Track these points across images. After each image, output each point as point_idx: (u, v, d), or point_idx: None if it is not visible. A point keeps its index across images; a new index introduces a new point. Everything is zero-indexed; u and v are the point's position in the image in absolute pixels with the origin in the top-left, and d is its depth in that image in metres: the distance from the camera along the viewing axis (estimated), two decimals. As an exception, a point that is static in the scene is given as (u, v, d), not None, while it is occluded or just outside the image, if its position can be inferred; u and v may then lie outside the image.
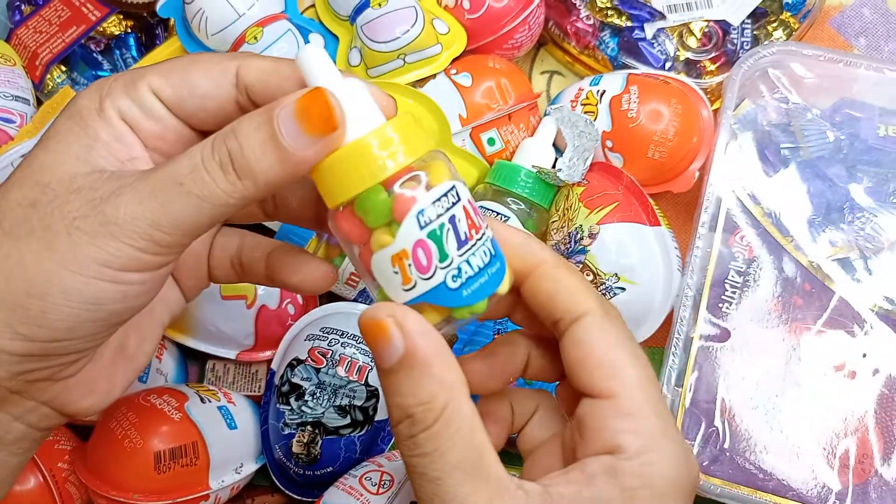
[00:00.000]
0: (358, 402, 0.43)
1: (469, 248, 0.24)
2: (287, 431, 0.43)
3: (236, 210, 0.24)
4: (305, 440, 0.42)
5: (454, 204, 0.24)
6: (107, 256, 0.23)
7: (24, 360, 0.24)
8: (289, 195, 0.30)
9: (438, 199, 0.24)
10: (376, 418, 0.43)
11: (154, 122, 0.26)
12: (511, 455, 0.32)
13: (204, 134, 0.26)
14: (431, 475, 0.23)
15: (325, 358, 0.43)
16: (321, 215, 0.29)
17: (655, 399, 0.26)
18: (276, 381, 0.44)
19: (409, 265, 0.24)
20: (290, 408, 0.43)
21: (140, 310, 0.26)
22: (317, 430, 0.42)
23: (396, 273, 0.24)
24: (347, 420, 0.42)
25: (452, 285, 0.24)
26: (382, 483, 0.37)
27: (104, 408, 0.29)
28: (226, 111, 0.26)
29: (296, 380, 0.43)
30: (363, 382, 0.43)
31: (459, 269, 0.24)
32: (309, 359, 0.43)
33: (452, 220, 0.24)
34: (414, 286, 0.24)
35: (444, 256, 0.24)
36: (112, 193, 0.24)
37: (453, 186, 0.24)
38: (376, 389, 0.43)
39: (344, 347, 0.43)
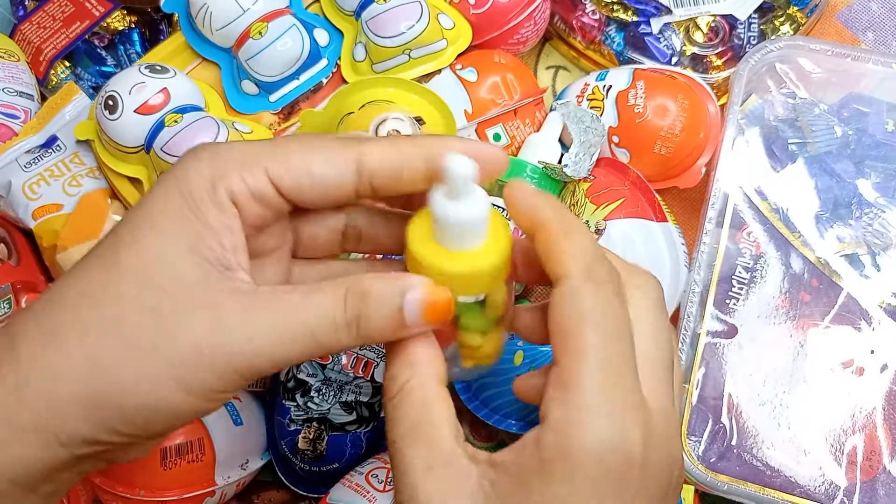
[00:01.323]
0: (364, 399, 0.42)
1: None
2: (293, 428, 0.43)
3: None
4: (311, 436, 0.42)
5: None
6: (218, 383, 0.24)
7: (74, 448, 0.24)
8: (377, 231, 0.30)
9: None
10: (382, 414, 0.43)
11: (263, 207, 0.26)
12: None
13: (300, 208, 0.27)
14: (390, 438, 0.25)
15: (330, 354, 0.43)
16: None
17: (611, 374, 0.24)
18: (282, 377, 0.44)
19: None
20: (295, 404, 0.43)
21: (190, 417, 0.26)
22: (322, 427, 0.42)
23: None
24: (353, 416, 0.42)
25: None
26: (389, 480, 0.37)
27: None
28: (342, 196, 0.26)
29: (301, 376, 0.43)
30: (369, 379, 0.43)
31: None
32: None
33: None
34: None
35: None
36: (225, 322, 0.24)
37: None
38: (382, 386, 0.43)
39: (349, 344, 0.43)
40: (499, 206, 0.45)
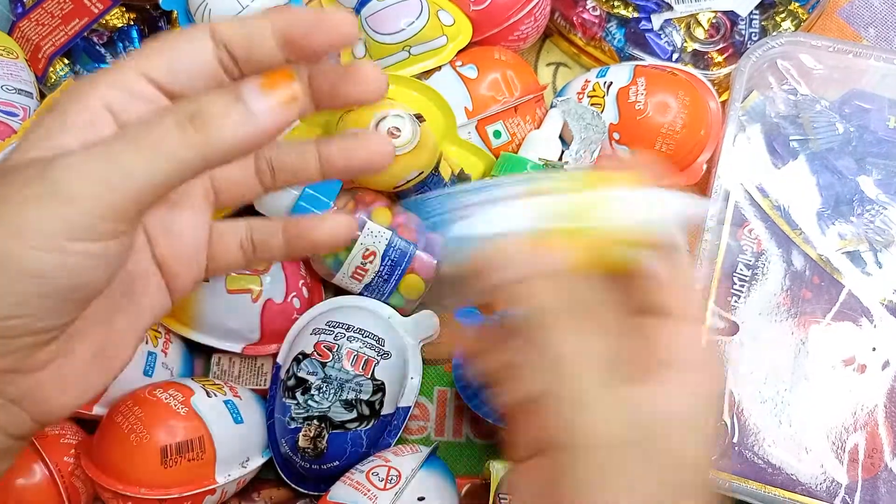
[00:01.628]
0: (364, 397, 0.42)
1: None
2: (293, 426, 0.43)
3: (195, 172, 0.23)
4: (312, 434, 0.42)
5: None
6: (50, 224, 0.22)
7: None
8: (291, 156, 0.29)
9: None
10: (382, 412, 0.43)
11: (143, 103, 0.25)
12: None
13: None
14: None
15: (330, 352, 0.43)
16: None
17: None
18: (282, 375, 0.44)
19: None
20: (296, 402, 0.43)
21: (99, 289, 0.24)
22: (323, 425, 0.42)
23: None
24: (354, 414, 0.42)
25: None
26: (389, 478, 0.37)
27: (76, 409, 0.27)
28: (212, 72, 0.25)
29: (302, 374, 0.43)
30: (369, 376, 0.43)
31: None
32: (315, 353, 0.43)
33: None
34: None
35: None
36: (60, 156, 0.23)
37: None
38: (382, 383, 0.43)
39: (350, 342, 0.43)
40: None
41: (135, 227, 0.24)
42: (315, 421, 0.42)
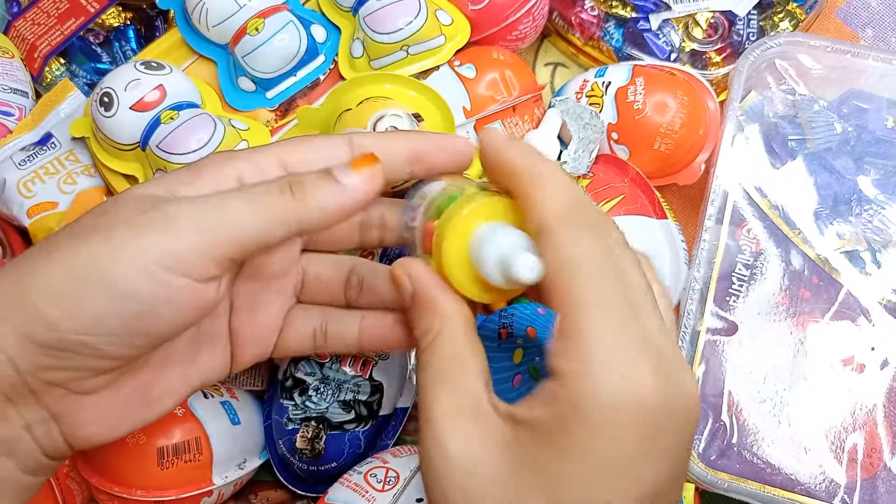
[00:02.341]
0: (362, 397, 0.42)
1: None
2: (291, 427, 0.42)
3: (291, 232, 0.26)
4: (309, 435, 0.42)
5: None
6: (153, 252, 0.24)
7: (48, 353, 0.24)
8: (377, 283, 0.33)
9: None
10: (381, 413, 0.43)
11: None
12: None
13: None
14: (421, 385, 0.26)
15: (331, 354, 0.43)
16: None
17: (612, 319, 0.23)
18: (280, 375, 0.44)
19: None
20: (293, 403, 0.42)
21: (174, 332, 0.26)
22: (321, 426, 0.42)
23: None
24: (352, 415, 0.42)
25: None
26: (388, 480, 0.37)
27: (104, 443, 0.28)
28: None
29: (299, 374, 0.43)
30: (367, 377, 0.42)
31: None
32: (314, 353, 0.43)
33: None
34: None
35: None
36: (177, 200, 0.25)
37: None
38: (380, 384, 0.42)
39: (348, 342, 0.43)
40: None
41: (226, 276, 0.26)
42: (313, 422, 0.42)
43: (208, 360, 0.31)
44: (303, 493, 0.44)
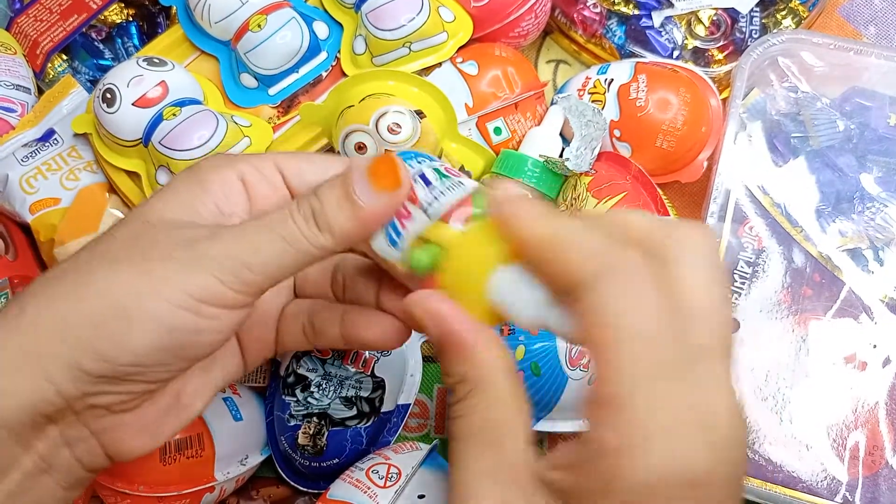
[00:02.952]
0: (364, 394, 0.42)
1: None
2: (293, 423, 0.42)
3: (317, 260, 0.27)
4: (311, 431, 0.42)
5: None
6: (194, 287, 0.25)
7: (97, 381, 0.25)
8: (357, 282, 0.32)
9: None
10: (382, 409, 0.43)
11: (268, 186, 0.29)
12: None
13: None
14: (455, 436, 0.25)
15: (330, 349, 0.43)
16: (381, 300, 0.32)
17: (658, 384, 0.21)
18: (282, 372, 0.44)
19: None
20: (295, 399, 0.43)
21: (209, 353, 0.27)
22: (323, 422, 0.42)
23: None
24: (353, 411, 0.42)
25: None
26: (390, 476, 0.37)
27: (146, 453, 0.29)
28: None
29: (302, 371, 0.43)
30: (369, 373, 0.42)
31: None
32: (315, 349, 0.43)
33: None
34: None
35: None
36: (208, 235, 0.26)
37: None
38: (382, 380, 0.43)
39: (349, 338, 0.43)
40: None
41: (255, 300, 0.27)
42: (314, 418, 0.42)
43: (222, 363, 0.32)
44: (305, 490, 0.44)
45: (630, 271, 0.22)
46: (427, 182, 0.28)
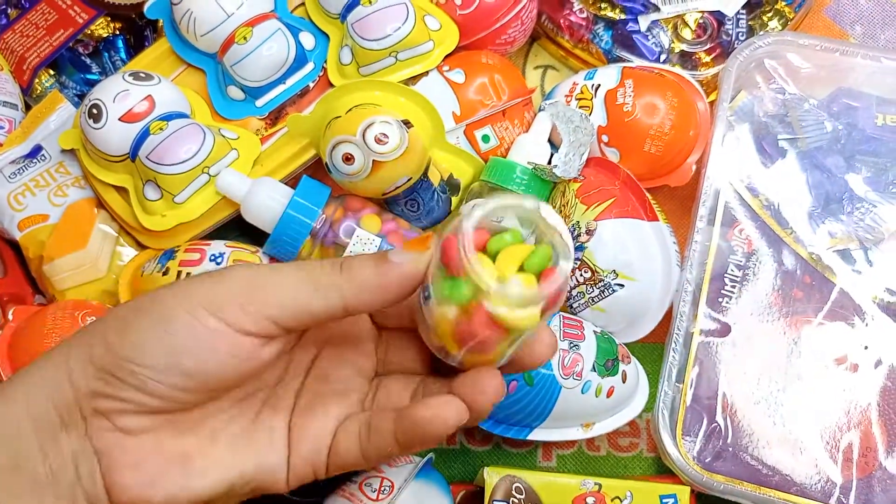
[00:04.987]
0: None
1: None
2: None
3: (338, 306, 0.28)
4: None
5: None
6: (199, 295, 0.27)
7: (100, 375, 0.27)
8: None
9: None
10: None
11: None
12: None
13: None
14: None
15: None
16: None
17: None
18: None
19: None
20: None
21: (211, 382, 0.28)
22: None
23: None
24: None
25: None
26: (382, 489, 0.37)
27: (140, 499, 0.28)
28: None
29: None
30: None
31: None
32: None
33: None
34: None
35: None
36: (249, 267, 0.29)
37: None
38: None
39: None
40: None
41: (271, 343, 0.28)
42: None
43: (263, 449, 0.30)
44: (299, 500, 0.44)
45: None
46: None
